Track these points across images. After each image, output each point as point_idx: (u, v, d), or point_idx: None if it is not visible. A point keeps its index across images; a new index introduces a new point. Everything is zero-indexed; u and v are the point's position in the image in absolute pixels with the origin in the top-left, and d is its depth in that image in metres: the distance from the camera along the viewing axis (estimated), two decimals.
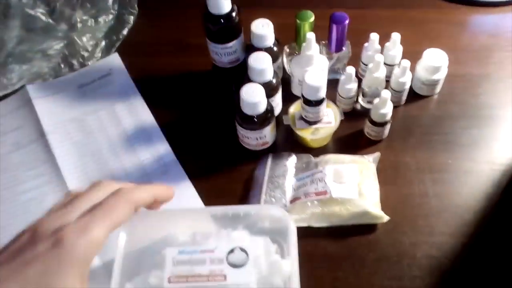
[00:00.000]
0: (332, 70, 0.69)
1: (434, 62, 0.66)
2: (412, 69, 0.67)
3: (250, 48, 0.64)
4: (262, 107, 0.57)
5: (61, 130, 0.67)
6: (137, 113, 0.69)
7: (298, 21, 0.65)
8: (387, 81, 0.67)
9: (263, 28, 0.62)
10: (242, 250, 0.45)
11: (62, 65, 0.74)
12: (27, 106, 0.69)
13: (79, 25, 0.76)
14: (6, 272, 0.34)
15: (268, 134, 0.61)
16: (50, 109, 0.69)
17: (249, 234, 0.48)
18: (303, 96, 0.60)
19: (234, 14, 0.62)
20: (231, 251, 0.45)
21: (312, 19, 0.65)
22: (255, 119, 0.58)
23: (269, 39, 0.63)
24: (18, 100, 0.70)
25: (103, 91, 0.72)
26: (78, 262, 0.36)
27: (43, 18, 0.74)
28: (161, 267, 0.45)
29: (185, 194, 0.60)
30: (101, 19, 0.78)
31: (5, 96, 0.71)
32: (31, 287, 0.34)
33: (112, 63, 0.75)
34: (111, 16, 0.78)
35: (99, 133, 0.67)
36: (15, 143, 0.66)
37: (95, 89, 0.72)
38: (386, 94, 0.59)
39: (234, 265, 0.44)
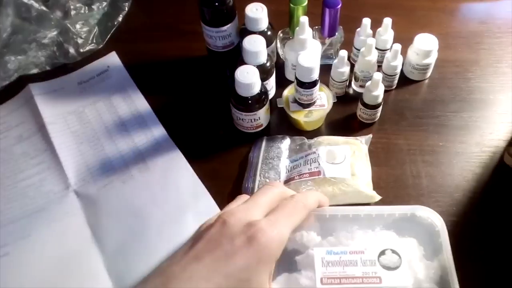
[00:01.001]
0: (324, 56, 0.70)
1: (425, 46, 0.67)
2: (403, 55, 0.68)
3: (244, 31, 0.65)
4: (256, 89, 0.58)
5: (60, 121, 0.68)
6: (133, 101, 0.70)
7: (291, 5, 0.66)
8: (379, 66, 0.68)
9: (257, 12, 0.63)
10: (394, 252, 0.43)
11: (58, 53, 0.74)
12: (30, 103, 0.70)
13: (72, 12, 0.76)
14: (210, 262, 0.36)
15: (262, 116, 0.62)
16: (51, 104, 0.70)
17: (396, 235, 0.45)
18: (296, 78, 0.61)
19: None
20: (382, 252, 0.43)
21: (305, 3, 0.66)
22: (249, 100, 0.59)
23: (263, 23, 0.64)
24: (21, 99, 0.71)
25: (101, 85, 0.73)
26: (270, 259, 0.37)
27: (37, 5, 0.73)
28: (308, 267, 0.43)
29: (184, 175, 0.62)
30: (94, 6, 0.78)
31: (5, 88, 0.72)
32: (233, 280, 0.35)
33: (110, 61, 0.76)
34: (104, 3, 0.79)
35: (96, 122, 0.68)
36: (18, 136, 0.67)
37: (93, 84, 0.73)
38: (378, 76, 0.60)
39: (388, 267, 0.43)
